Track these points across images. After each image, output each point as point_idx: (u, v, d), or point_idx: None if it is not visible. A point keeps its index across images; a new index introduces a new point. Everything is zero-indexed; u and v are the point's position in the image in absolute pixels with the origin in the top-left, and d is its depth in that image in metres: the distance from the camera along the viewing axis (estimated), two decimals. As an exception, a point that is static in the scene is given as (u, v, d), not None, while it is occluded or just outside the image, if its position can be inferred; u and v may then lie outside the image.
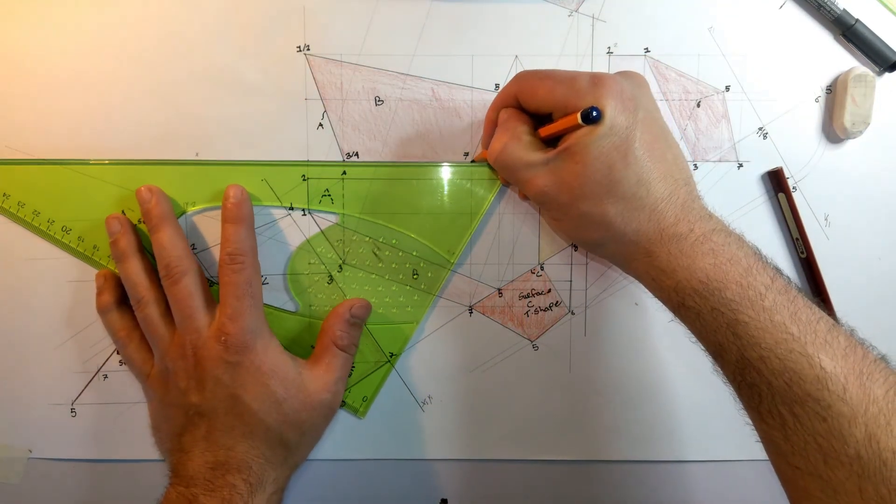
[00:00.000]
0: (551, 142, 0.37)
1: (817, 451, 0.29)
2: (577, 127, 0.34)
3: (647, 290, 0.36)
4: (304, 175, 0.43)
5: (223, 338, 0.38)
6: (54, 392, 0.44)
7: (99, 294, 0.42)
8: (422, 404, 0.46)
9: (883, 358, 0.30)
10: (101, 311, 0.42)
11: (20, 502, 0.45)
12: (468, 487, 0.46)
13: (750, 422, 0.33)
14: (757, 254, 0.33)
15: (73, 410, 0.44)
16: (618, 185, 0.34)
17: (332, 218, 0.43)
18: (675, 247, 0.33)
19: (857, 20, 0.42)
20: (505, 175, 0.39)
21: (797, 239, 0.44)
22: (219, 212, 0.41)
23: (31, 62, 0.42)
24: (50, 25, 0.42)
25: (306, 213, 0.43)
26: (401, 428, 0.46)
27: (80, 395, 0.44)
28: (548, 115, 0.37)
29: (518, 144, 0.37)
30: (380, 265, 0.44)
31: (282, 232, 0.44)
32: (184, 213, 0.43)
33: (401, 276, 0.44)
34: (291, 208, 0.43)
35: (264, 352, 0.39)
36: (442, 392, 0.46)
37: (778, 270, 0.33)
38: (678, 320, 0.35)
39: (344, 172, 0.43)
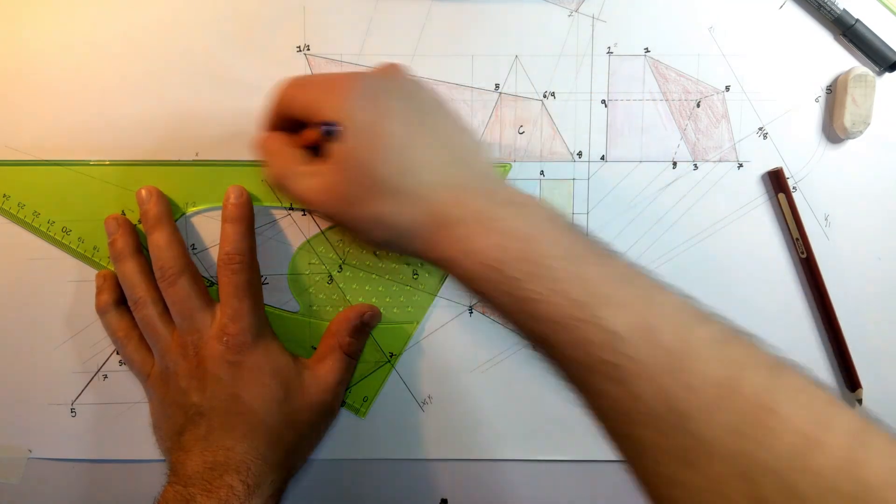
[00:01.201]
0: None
1: (620, 415, 0.27)
2: (324, 138, 0.33)
3: None
4: (304, 175, 0.43)
5: (225, 338, 0.38)
6: (54, 392, 0.44)
7: (98, 294, 0.42)
8: (422, 404, 0.46)
9: (688, 301, 0.28)
10: (100, 311, 0.42)
11: (20, 502, 0.45)
12: (468, 487, 0.46)
13: None
14: (551, 218, 0.31)
15: (72, 410, 0.44)
16: (381, 183, 0.32)
17: (332, 218, 0.43)
18: (452, 233, 0.30)
19: (857, 20, 0.42)
20: (285, 195, 0.37)
21: (797, 239, 0.44)
22: (219, 212, 0.41)
23: (31, 62, 0.42)
24: (50, 25, 0.42)
25: (306, 212, 0.43)
26: (401, 428, 0.46)
27: (79, 395, 0.44)
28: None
29: (283, 161, 0.35)
30: (380, 265, 0.44)
31: (282, 232, 0.44)
32: (184, 213, 0.43)
33: (401, 276, 0.44)
34: (291, 208, 0.43)
35: (266, 352, 0.39)
36: (442, 392, 0.45)
37: (571, 229, 0.30)
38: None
39: (344, 172, 0.43)
